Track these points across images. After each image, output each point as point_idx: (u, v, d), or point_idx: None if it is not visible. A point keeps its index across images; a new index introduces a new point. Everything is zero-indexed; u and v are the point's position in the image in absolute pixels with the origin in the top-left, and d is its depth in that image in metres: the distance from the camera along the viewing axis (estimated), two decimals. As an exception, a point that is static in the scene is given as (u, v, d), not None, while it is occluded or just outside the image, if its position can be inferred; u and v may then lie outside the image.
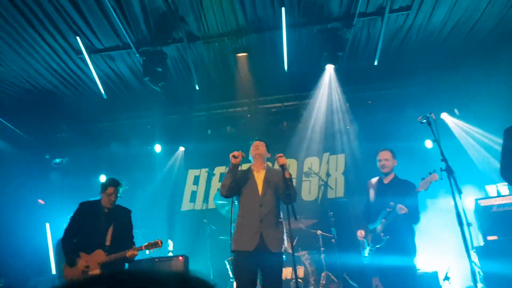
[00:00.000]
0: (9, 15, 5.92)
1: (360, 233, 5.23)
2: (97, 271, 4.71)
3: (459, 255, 6.56)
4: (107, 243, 4.84)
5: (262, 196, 4.46)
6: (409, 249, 4.93)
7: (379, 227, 5.00)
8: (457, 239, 6.46)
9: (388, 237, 4.90)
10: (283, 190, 4.39)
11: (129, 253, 4.74)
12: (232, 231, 4.59)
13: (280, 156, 4.39)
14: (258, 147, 4.68)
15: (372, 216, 5.21)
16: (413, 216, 4.94)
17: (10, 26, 6.16)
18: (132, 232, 5.19)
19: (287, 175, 4.38)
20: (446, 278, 6.23)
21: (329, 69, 7.49)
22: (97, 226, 4.90)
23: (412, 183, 5.10)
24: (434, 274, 6.31)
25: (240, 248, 4.34)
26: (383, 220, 4.96)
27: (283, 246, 4.45)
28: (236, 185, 4.47)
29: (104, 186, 5.02)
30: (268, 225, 4.39)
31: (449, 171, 4.28)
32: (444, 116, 8.34)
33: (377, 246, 5.00)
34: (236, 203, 4.69)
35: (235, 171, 4.43)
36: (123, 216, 5.14)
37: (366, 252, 5.15)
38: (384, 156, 5.23)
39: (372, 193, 5.33)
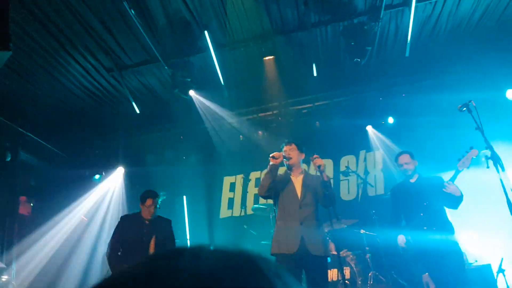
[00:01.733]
0: (41, 38, 6.12)
1: (401, 239, 5.11)
2: None
3: None
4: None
5: (301, 199, 4.42)
6: (457, 241, 4.89)
7: (419, 222, 4.91)
8: (508, 229, 6.28)
9: (434, 228, 4.83)
10: (322, 193, 4.34)
11: None
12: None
13: (316, 157, 4.34)
14: (289, 154, 4.55)
15: (406, 216, 5.20)
16: (455, 201, 4.85)
17: (43, 49, 6.36)
18: (174, 242, 5.23)
19: (325, 178, 4.33)
20: (501, 270, 5.97)
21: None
22: (140, 238, 4.95)
23: (439, 176, 5.12)
24: (488, 267, 6.06)
25: (281, 251, 4.29)
26: (421, 214, 4.88)
27: (325, 249, 4.37)
28: (275, 186, 4.43)
29: (143, 198, 5.08)
30: (309, 228, 4.34)
31: (495, 158, 4.11)
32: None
33: (422, 241, 4.89)
34: (275, 208, 4.65)
35: (274, 172, 4.39)
36: (165, 227, 5.18)
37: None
38: (404, 160, 5.24)
39: (400, 195, 5.31)
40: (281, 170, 4.76)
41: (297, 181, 4.55)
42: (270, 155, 4.34)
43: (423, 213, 4.92)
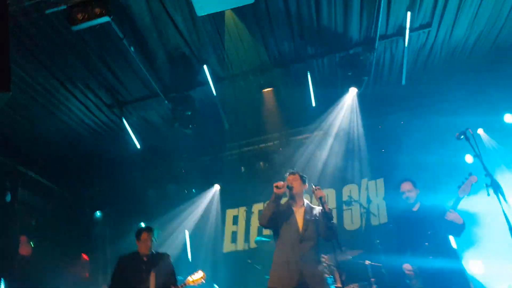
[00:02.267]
0: (41, 76, 6.23)
1: (408, 267, 5.08)
2: None
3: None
4: None
5: (302, 232, 4.36)
6: (464, 271, 4.89)
7: (424, 252, 4.85)
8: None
9: (440, 257, 4.76)
10: (325, 224, 4.29)
11: None
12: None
13: (318, 189, 4.32)
14: (292, 184, 4.55)
15: (411, 245, 5.12)
16: (460, 226, 4.83)
17: (43, 88, 6.47)
18: (175, 276, 5.16)
19: (327, 209, 4.28)
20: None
21: (352, 92, 7.45)
22: (139, 276, 4.91)
23: (440, 204, 5.09)
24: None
25: (279, 285, 4.19)
26: (426, 243, 4.81)
27: (325, 284, 4.29)
28: (276, 217, 4.38)
29: (138, 234, 5.13)
30: (309, 262, 4.26)
31: (495, 186, 4.09)
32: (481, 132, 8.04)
33: (429, 271, 4.81)
34: (274, 239, 4.57)
35: (277, 202, 4.36)
36: (163, 262, 5.14)
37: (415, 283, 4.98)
38: (406, 188, 5.26)
39: (403, 225, 5.30)
40: (283, 201, 4.74)
41: (299, 213, 4.50)
42: (274, 184, 4.31)
43: (428, 242, 4.87)
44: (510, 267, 6.45)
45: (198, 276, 4.83)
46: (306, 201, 4.68)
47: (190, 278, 4.91)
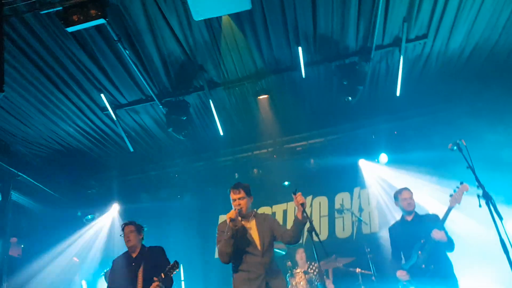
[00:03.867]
0: (34, 78, 6.17)
1: (401, 273, 5.08)
2: None
3: (508, 285, 6.24)
4: (139, 287, 4.74)
5: (261, 246, 4.20)
6: (456, 280, 4.90)
7: (417, 261, 4.89)
8: (503, 268, 6.19)
9: (432, 266, 4.80)
10: (293, 231, 4.12)
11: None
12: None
13: (299, 194, 3.96)
14: (239, 205, 4.21)
15: (405, 254, 5.20)
16: (448, 243, 4.89)
17: (36, 89, 6.40)
18: (164, 267, 4.86)
19: (299, 216, 4.00)
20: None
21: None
22: (128, 274, 4.86)
23: (434, 214, 5.18)
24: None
25: None
26: (419, 252, 4.86)
27: None
28: (236, 247, 4.13)
29: (122, 228, 5.11)
30: (272, 274, 4.19)
31: (487, 197, 4.10)
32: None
33: (422, 280, 4.84)
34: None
35: (236, 236, 4.07)
36: (153, 255, 5.02)
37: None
38: (409, 195, 5.29)
39: (398, 234, 5.35)
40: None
41: (252, 228, 4.32)
42: (228, 217, 4.00)
43: (421, 251, 4.93)
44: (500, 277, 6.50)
45: (171, 266, 4.68)
46: (254, 211, 4.49)
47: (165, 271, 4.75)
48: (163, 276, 4.60)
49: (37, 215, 9.05)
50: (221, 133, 8.01)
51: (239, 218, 4.14)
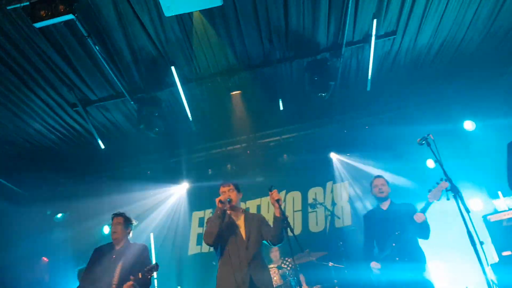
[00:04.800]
0: (1, 75, 6.00)
1: (376, 265, 5.07)
2: None
3: (475, 273, 6.47)
4: (115, 281, 4.66)
5: (247, 239, 4.32)
6: (427, 273, 4.93)
7: (390, 252, 4.93)
8: (471, 257, 6.42)
9: (406, 259, 4.85)
10: (276, 228, 4.25)
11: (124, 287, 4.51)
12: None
13: (274, 192, 4.17)
14: (230, 196, 4.42)
15: (378, 244, 5.20)
16: (424, 230, 4.93)
17: (3, 86, 6.23)
18: (144, 266, 4.80)
19: (277, 213, 4.18)
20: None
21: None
22: (107, 266, 4.77)
23: (410, 203, 5.20)
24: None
25: None
26: (393, 244, 4.90)
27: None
28: (222, 232, 4.28)
29: (112, 218, 5.03)
30: (256, 268, 4.24)
31: (454, 190, 4.23)
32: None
33: (394, 272, 4.89)
34: (216, 252, 4.46)
35: (223, 218, 4.25)
36: (134, 252, 4.93)
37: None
38: (380, 182, 5.35)
39: (372, 224, 5.35)
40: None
41: (240, 222, 4.46)
42: (217, 200, 4.22)
43: (395, 243, 4.94)
44: (467, 268, 6.70)
45: (150, 267, 4.63)
46: (243, 208, 4.66)
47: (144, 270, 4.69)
48: (140, 276, 4.54)
49: (5, 214, 8.80)
50: (194, 129, 7.96)
51: (228, 205, 4.30)
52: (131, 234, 5.16)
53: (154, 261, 8.49)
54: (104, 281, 4.66)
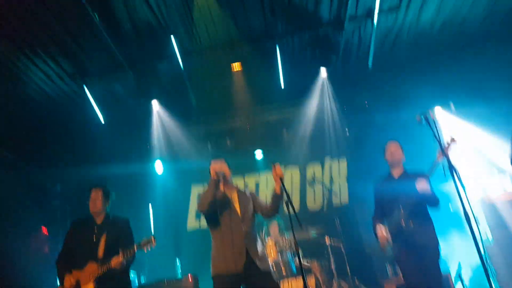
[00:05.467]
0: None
1: (381, 231, 4.91)
2: (90, 285, 4.45)
3: (468, 252, 6.52)
4: (100, 255, 4.58)
5: (241, 215, 4.34)
6: (437, 240, 4.75)
7: (399, 220, 4.79)
8: (465, 237, 6.47)
9: (412, 225, 4.65)
10: (270, 205, 4.32)
11: (113, 261, 4.44)
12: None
13: (277, 166, 4.13)
14: (223, 169, 4.43)
15: (387, 213, 5.01)
16: (432, 198, 4.75)
17: (1, 54, 6.15)
18: (130, 241, 4.78)
19: (277, 190, 4.20)
20: (459, 278, 6.09)
21: (323, 73, 7.49)
22: (89, 239, 4.65)
23: (425, 173, 4.86)
24: (445, 278, 6.13)
25: (226, 270, 4.11)
26: (402, 211, 4.78)
27: (269, 264, 4.34)
28: (214, 204, 4.29)
29: (88, 191, 4.87)
30: (252, 241, 4.26)
31: (451, 168, 4.21)
32: (438, 110, 8.28)
33: (401, 238, 4.78)
34: (209, 227, 4.47)
35: (217, 187, 4.28)
36: (118, 225, 4.84)
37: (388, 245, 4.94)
38: (393, 147, 5.11)
39: (382, 191, 5.13)
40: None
41: (233, 196, 4.48)
42: (212, 169, 4.26)
43: (403, 208, 4.78)
44: (461, 245, 6.77)
45: (146, 240, 4.61)
46: (235, 185, 4.70)
47: (139, 243, 4.67)
48: (135, 249, 4.48)
49: (3, 185, 8.81)
50: (194, 103, 7.91)
51: (221, 178, 4.32)
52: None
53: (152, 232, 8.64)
54: (87, 254, 4.57)
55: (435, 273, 4.63)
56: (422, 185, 4.64)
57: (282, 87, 7.91)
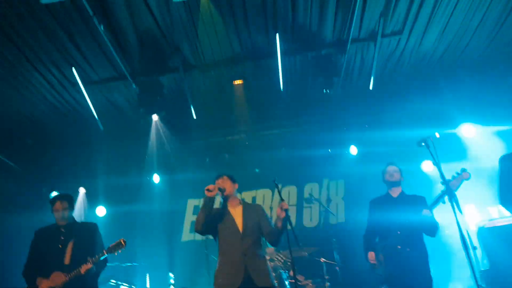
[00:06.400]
0: (3, 48, 5.98)
1: (371, 256, 4.94)
2: None
3: (465, 278, 6.50)
4: (66, 262, 4.48)
5: (243, 230, 4.29)
6: (428, 266, 4.72)
7: (393, 240, 4.75)
8: (462, 263, 6.44)
9: (408, 249, 4.70)
10: (273, 234, 4.26)
11: (83, 268, 4.36)
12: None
13: (284, 204, 4.09)
14: (223, 186, 4.43)
15: (382, 232, 4.97)
16: (432, 227, 4.73)
17: (4, 59, 6.20)
18: (98, 246, 4.67)
19: (279, 225, 4.13)
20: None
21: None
22: (54, 247, 4.55)
23: (422, 196, 4.99)
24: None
25: (226, 285, 4.09)
26: (398, 232, 4.75)
27: (271, 280, 4.30)
28: (212, 221, 4.28)
29: (52, 203, 4.75)
30: (252, 258, 4.19)
31: (450, 194, 4.21)
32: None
33: (394, 261, 4.79)
34: (216, 243, 4.44)
35: (210, 205, 4.23)
36: (85, 231, 4.73)
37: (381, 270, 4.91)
38: (393, 168, 5.16)
39: (379, 209, 5.14)
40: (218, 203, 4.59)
41: (236, 212, 4.43)
42: (206, 188, 4.19)
43: (400, 231, 4.73)
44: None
45: (116, 244, 4.54)
46: (241, 199, 4.63)
47: (108, 247, 4.60)
48: (105, 253, 4.43)
49: (2, 191, 8.79)
50: (194, 117, 7.93)
51: (215, 193, 4.24)
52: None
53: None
54: (53, 262, 4.48)
55: None
56: (425, 212, 4.64)
57: (283, 101, 7.95)
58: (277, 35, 6.34)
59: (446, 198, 4.22)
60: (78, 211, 9.12)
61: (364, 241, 5.16)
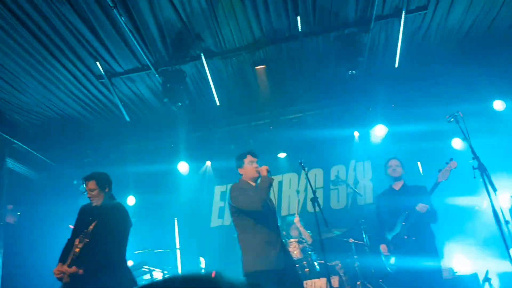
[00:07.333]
0: (29, 45, 6.07)
1: (384, 248, 5.27)
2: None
3: (498, 254, 6.39)
4: (86, 239, 4.50)
5: (276, 210, 4.56)
6: (437, 251, 5.04)
7: (400, 231, 5.01)
8: (495, 239, 6.33)
9: (414, 238, 4.92)
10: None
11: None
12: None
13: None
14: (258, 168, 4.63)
15: (389, 224, 5.30)
16: (432, 216, 5.00)
17: (31, 56, 6.31)
18: (116, 230, 4.69)
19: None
20: (487, 279, 6.00)
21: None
22: (85, 223, 4.60)
23: (423, 185, 5.26)
24: (474, 276, 6.09)
25: (275, 266, 4.19)
26: (403, 223, 4.98)
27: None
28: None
29: (83, 183, 4.93)
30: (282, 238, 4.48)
31: (481, 168, 4.15)
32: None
33: (403, 250, 4.98)
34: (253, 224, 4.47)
35: (271, 185, 4.40)
36: (110, 213, 4.74)
37: (392, 260, 5.15)
38: (395, 163, 5.49)
39: (384, 203, 5.48)
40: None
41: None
42: (265, 168, 4.40)
43: (404, 222, 5.02)
44: (487, 252, 6.66)
45: None
46: None
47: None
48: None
49: (33, 183, 9.06)
50: (218, 103, 7.96)
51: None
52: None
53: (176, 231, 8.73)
54: (78, 239, 4.54)
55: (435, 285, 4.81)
56: (421, 208, 4.90)
57: (306, 84, 7.88)
58: (298, 17, 6.25)
59: (477, 172, 4.18)
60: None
61: (376, 234, 5.62)
